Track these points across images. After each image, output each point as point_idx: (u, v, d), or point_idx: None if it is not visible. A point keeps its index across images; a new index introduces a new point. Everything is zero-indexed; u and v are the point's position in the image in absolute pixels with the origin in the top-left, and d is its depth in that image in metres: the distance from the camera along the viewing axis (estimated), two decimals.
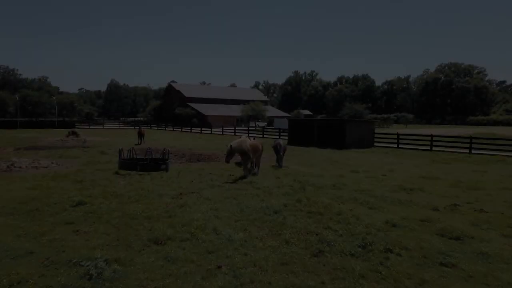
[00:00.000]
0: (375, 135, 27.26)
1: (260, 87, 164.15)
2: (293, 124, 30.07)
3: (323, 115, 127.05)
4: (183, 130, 50.12)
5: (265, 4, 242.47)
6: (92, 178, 12.57)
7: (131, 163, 13.86)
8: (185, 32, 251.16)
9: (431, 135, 23.88)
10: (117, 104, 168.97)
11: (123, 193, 10.27)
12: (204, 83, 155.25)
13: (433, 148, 23.69)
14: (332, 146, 25.42)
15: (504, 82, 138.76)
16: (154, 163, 14.25)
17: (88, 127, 57.09)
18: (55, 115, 64.51)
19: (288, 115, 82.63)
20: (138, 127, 31.37)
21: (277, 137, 35.08)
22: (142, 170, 13.69)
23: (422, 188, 11.54)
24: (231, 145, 12.70)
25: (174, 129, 52.07)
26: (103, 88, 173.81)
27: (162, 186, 11.31)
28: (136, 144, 27.13)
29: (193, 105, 70.29)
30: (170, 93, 77.97)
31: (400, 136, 25.56)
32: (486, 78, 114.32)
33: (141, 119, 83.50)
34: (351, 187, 11.51)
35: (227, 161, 12.91)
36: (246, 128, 48.56)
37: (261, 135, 37.71)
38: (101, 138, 33.30)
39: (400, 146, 25.26)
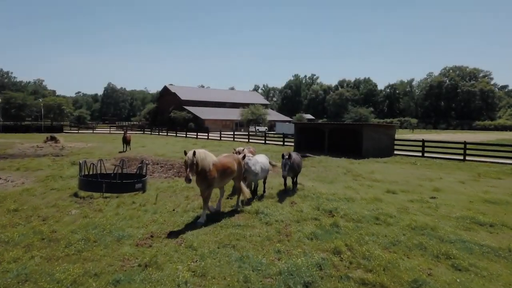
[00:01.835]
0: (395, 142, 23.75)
1: (260, 91, 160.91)
2: (300, 128, 26.54)
3: (324, 119, 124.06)
4: (177, 135, 46.53)
5: (265, 6, 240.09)
6: (35, 204, 9.02)
7: (95, 182, 10.28)
8: (183, 35, 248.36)
9: (465, 143, 20.40)
10: (113, 107, 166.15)
11: (65, 234, 6.74)
12: (202, 87, 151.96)
13: (467, 158, 20.20)
14: (347, 155, 21.95)
15: (506, 86, 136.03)
16: (126, 182, 10.66)
17: (77, 131, 53.44)
18: (50, 118, 60.99)
19: (290, 119, 79.01)
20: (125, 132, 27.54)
21: (281, 143, 31.57)
22: (109, 191, 10.14)
23: (502, 221, 8.04)
24: (194, 152, 7.54)
25: (169, 134, 48.46)
26: (101, 91, 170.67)
27: (128, 220, 7.77)
28: (120, 152, 23.60)
29: (190, 108, 66.68)
30: (165, 96, 74.28)
31: (425, 143, 22.04)
32: (492, 82, 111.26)
33: (136, 123, 79.90)
34: (401, 220, 8.00)
35: (188, 180, 7.23)
36: (246, 133, 45.00)
37: (263, 141, 34.18)
38: (83, 144, 29.71)
39: (425, 155, 21.76)
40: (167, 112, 66.47)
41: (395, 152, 23.32)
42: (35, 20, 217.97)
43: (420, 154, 22.04)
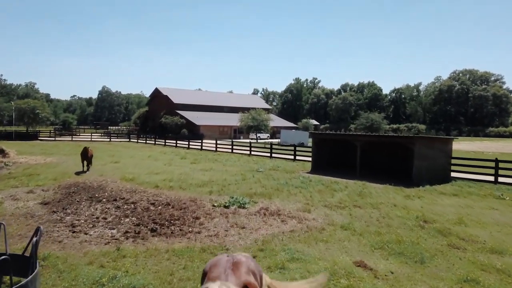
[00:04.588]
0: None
1: (259, 94, 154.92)
2: (320, 140, 20.31)
3: (327, 124, 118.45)
4: (167, 143, 40.14)
5: (264, 7, 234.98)
6: None
7: None
8: (181, 39, 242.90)
9: None
10: (108, 111, 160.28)
11: None
12: (200, 90, 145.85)
13: None
14: (390, 179, 15.76)
15: None
16: None
17: (54, 139, 47.04)
18: (24, 123, 54.62)
19: (295, 125, 72.50)
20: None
21: (291, 157, 25.18)
22: None
23: None
24: None
25: (157, 142, 42.08)
26: (96, 95, 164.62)
27: None
28: (77, 173, 17.28)
29: (183, 113, 60.11)
30: (157, 99, 67.57)
31: (500, 164, 15.80)
32: (504, 86, 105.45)
33: (125, 128, 73.50)
34: None
35: None
36: (247, 141, 38.75)
37: (268, 153, 27.84)
38: (41, 159, 23.37)
39: (499, 180, 15.58)
40: (158, 116, 60.03)
41: (452, 174, 17.12)
42: (29, 22, 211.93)
43: (491, 178, 15.84)
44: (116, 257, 6.66)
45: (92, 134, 54.07)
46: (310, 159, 20.89)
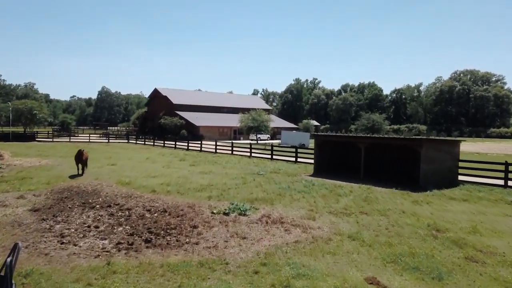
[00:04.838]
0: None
1: (259, 95, 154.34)
2: (323, 142, 19.73)
3: (327, 125, 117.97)
4: (165, 145, 39.55)
5: (264, 7, 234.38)
6: None
7: None
8: (181, 39, 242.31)
9: None
10: (107, 112, 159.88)
11: None
12: (200, 91, 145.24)
13: None
14: (397, 184, 15.20)
15: None
16: None
17: (51, 140, 46.43)
18: (22, 124, 54.04)
19: (296, 126, 71.89)
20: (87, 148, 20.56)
21: (292, 159, 24.58)
22: None
23: None
24: None
25: (156, 143, 41.48)
26: (96, 95, 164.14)
27: None
28: (71, 176, 16.70)
29: (182, 113, 59.52)
30: (156, 100, 66.90)
31: (510, 167, 15.22)
32: (506, 87, 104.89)
33: (124, 129, 72.91)
34: None
35: None
36: (247, 142, 38.21)
37: (269, 155, 27.23)
38: (36, 161, 22.82)
39: (509, 184, 15.00)
40: (158, 117, 59.42)
41: (459, 177, 16.54)
42: (29, 22, 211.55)
43: (500, 182, 15.30)
44: (105, 273, 6.11)
45: (91, 135, 53.43)
46: (312, 161, 20.36)
